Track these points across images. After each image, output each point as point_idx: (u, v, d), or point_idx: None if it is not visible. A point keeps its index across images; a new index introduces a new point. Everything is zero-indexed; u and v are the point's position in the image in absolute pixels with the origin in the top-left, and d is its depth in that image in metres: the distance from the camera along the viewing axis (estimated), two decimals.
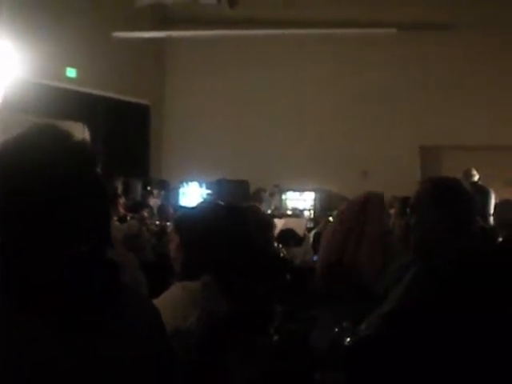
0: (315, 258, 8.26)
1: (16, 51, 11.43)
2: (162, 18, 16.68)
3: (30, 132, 1.54)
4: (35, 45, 12.22)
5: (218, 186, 14.77)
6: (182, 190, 15.58)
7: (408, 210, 2.98)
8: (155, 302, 2.71)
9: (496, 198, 10.07)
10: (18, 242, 1.44)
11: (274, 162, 15.20)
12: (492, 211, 9.97)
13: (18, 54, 11.50)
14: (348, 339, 3.01)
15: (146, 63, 16.37)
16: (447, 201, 2.79)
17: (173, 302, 2.80)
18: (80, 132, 10.94)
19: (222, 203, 3.31)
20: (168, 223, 9.01)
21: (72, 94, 14.02)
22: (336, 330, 3.19)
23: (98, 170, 1.60)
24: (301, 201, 15.54)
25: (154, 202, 12.24)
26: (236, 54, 16.04)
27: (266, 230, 4.81)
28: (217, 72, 16.19)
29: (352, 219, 3.88)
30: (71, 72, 14.26)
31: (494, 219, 7.69)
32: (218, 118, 16.09)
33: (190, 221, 3.02)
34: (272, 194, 14.72)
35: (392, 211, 5.28)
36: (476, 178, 10.59)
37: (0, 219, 1.44)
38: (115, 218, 7.81)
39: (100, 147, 13.48)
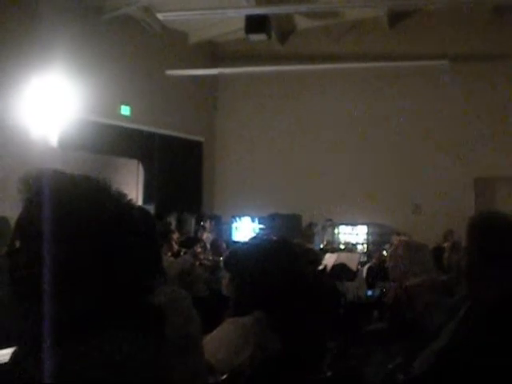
0: (369, 292, 8.20)
1: (71, 90, 11.72)
2: (214, 56, 16.93)
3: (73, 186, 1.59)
4: (90, 83, 12.50)
5: (271, 221, 14.79)
6: (234, 225, 15.64)
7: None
8: (208, 337, 2.74)
9: None
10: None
11: (326, 196, 15.17)
12: None
13: (74, 93, 11.79)
14: (402, 376, 2.98)
15: (199, 100, 16.59)
16: (492, 237, 2.75)
17: (225, 337, 2.82)
18: (134, 169, 11.13)
19: (274, 238, 3.32)
20: (221, 258, 9.05)
21: (126, 131, 14.25)
22: (390, 366, 3.17)
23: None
24: (353, 235, 15.44)
25: (206, 236, 12.31)
26: (287, 89, 16.14)
27: (314, 265, 4.81)
28: (268, 107, 16.32)
29: None
30: (125, 110, 14.52)
31: None
32: (270, 152, 16.18)
33: (240, 258, 3.04)
34: (324, 228, 14.66)
35: (446, 245, 5.23)
36: None
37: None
38: (169, 254, 7.88)
39: (154, 183, 13.66)
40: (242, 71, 16.00)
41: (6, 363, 1.67)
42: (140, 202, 13.06)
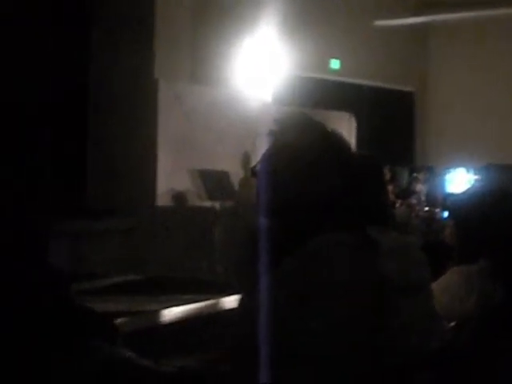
0: None
1: (283, 47, 11.97)
2: (423, 3, 16.46)
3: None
4: (300, 38, 12.66)
5: (486, 172, 14.31)
6: (448, 177, 15.28)
7: None
8: (432, 285, 2.77)
9: None
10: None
11: None
12: None
13: (285, 50, 12.03)
14: None
15: (409, 50, 16.27)
16: None
17: (450, 286, 2.85)
18: (346, 122, 11.21)
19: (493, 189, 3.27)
20: (437, 210, 8.95)
21: (336, 84, 14.35)
22: None
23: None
24: None
25: (420, 188, 12.18)
26: (501, 34, 15.42)
27: None
28: (483, 53, 15.68)
29: None
30: (335, 63, 14.57)
31: None
32: (485, 100, 15.57)
33: (466, 206, 3.03)
34: None
35: None
36: None
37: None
38: None
39: (366, 136, 13.65)
40: (453, 18, 15.47)
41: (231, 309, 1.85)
42: None
